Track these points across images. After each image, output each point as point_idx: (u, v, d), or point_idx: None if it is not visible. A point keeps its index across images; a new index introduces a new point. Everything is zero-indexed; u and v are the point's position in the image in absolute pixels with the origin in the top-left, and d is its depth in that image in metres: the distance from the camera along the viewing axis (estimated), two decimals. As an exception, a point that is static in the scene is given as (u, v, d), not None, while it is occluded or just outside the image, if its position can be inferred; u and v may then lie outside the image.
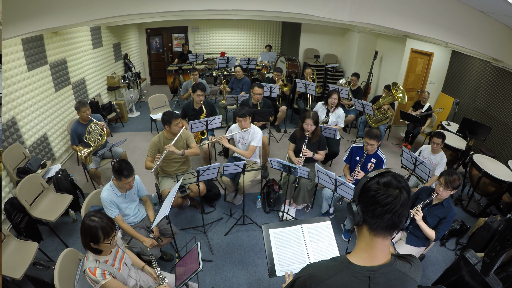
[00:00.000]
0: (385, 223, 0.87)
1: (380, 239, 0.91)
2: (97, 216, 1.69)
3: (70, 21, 2.58)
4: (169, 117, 2.95)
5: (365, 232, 0.93)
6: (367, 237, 0.93)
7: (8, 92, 3.28)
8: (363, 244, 0.94)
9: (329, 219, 1.94)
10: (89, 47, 5.40)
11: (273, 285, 2.65)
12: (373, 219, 0.89)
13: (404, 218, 0.89)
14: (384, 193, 0.86)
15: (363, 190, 0.91)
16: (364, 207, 0.90)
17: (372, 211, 0.88)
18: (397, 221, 0.87)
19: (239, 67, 5.49)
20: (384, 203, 0.85)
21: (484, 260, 1.80)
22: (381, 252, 0.92)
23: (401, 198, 0.85)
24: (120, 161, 2.33)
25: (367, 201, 0.89)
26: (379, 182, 0.88)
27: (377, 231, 0.90)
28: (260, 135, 3.38)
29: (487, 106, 4.68)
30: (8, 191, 3.12)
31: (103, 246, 1.69)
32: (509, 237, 1.63)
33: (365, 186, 0.91)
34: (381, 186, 0.87)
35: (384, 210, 0.86)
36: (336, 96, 4.08)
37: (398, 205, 0.85)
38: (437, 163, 3.38)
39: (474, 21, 3.00)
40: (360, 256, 0.94)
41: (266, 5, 2.76)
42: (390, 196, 0.85)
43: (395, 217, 0.86)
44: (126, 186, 2.36)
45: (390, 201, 0.85)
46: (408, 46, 5.44)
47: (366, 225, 0.92)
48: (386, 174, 0.90)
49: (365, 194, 0.90)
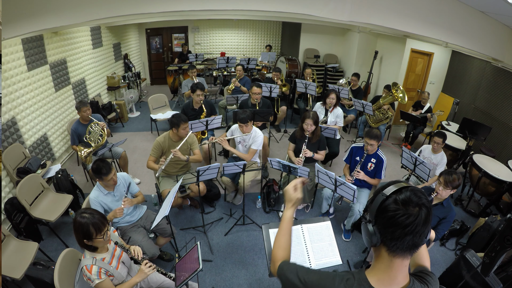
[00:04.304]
0: (406, 244, 0.81)
1: (400, 260, 0.85)
2: (88, 212, 1.69)
3: (70, 21, 2.58)
4: (178, 121, 2.95)
5: (384, 253, 0.87)
6: (386, 259, 0.86)
7: (8, 92, 3.28)
8: (382, 266, 0.88)
9: (329, 219, 1.94)
10: (89, 47, 5.40)
11: (273, 285, 2.65)
12: (392, 241, 0.82)
13: (425, 236, 0.83)
14: (404, 213, 0.79)
15: (380, 210, 0.84)
16: (382, 228, 0.84)
17: (392, 233, 0.81)
18: (418, 241, 0.81)
19: (240, 66, 5.48)
20: (404, 225, 0.79)
21: (484, 260, 1.81)
22: (401, 274, 0.87)
23: (422, 216, 0.79)
24: (96, 162, 2.31)
25: (385, 222, 0.82)
26: (397, 200, 0.81)
27: (396, 252, 0.84)
28: (261, 138, 3.37)
29: (487, 106, 4.68)
30: (8, 191, 3.12)
31: (97, 242, 1.69)
32: (509, 237, 1.63)
33: (382, 206, 0.83)
34: (400, 205, 0.80)
35: (404, 232, 0.79)
36: (334, 96, 4.08)
37: (420, 225, 0.79)
38: (437, 162, 3.39)
39: (474, 21, 3.00)
40: (379, 278, 0.88)
41: (266, 5, 2.76)
42: (411, 216, 0.78)
43: (416, 237, 0.80)
44: (111, 183, 2.36)
45: (411, 221, 0.78)
46: (408, 46, 5.44)
47: (385, 246, 0.85)
48: (405, 190, 0.83)
49: (383, 215, 0.83)
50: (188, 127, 3.07)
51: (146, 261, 1.87)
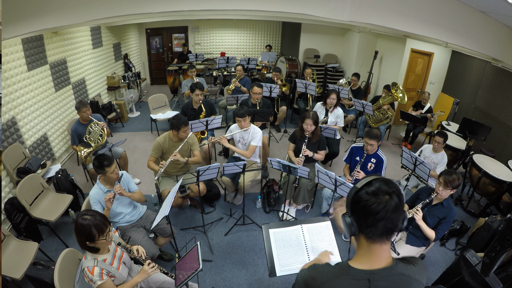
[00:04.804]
0: (380, 230, 0.88)
1: (378, 245, 0.92)
2: (89, 214, 1.69)
3: (70, 21, 2.58)
4: (179, 123, 2.94)
5: (363, 240, 0.94)
6: (365, 245, 0.94)
7: (8, 92, 3.28)
8: (362, 252, 0.96)
9: (329, 219, 1.94)
10: (89, 47, 5.40)
11: (273, 285, 2.65)
12: (367, 229, 0.90)
13: (400, 222, 0.89)
14: (375, 201, 0.86)
15: (354, 202, 0.92)
16: (357, 218, 0.92)
17: (365, 221, 0.89)
18: (391, 226, 0.88)
19: (240, 66, 5.48)
20: (375, 211, 0.86)
21: (484, 260, 1.81)
22: (381, 256, 0.93)
23: (392, 203, 0.86)
24: (97, 157, 2.35)
25: (359, 211, 0.90)
26: (368, 191, 0.88)
27: (373, 239, 0.91)
28: (260, 135, 3.38)
29: (487, 106, 4.68)
30: (8, 191, 3.12)
31: (99, 243, 1.69)
32: (509, 237, 1.63)
33: (355, 197, 0.91)
34: (371, 195, 0.87)
35: (376, 218, 0.86)
36: (334, 96, 4.08)
37: (389, 211, 0.85)
38: (438, 162, 3.39)
39: (474, 21, 3.00)
40: (360, 261, 0.95)
41: (266, 5, 2.76)
42: (381, 203, 0.85)
43: (389, 223, 0.87)
44: (113, 176, 2.37)
45: (381, 208, 0.85)
46: (408, 46, 5.44)
47: (363, 234, 0.93)
48: (374, 181, 0.90)
49: (357, 206, 0.91)
50: (188, 130, 3.06)
51: (148, 261, 1.87)
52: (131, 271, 2.03)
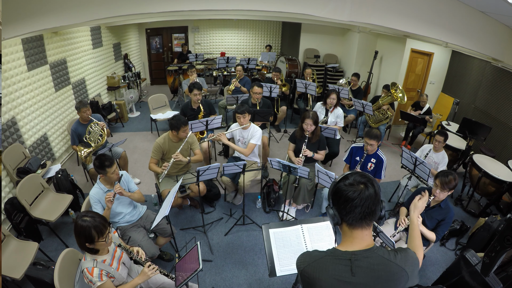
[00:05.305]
0: (358, 216, 1.00)
1: (359, 230, 1.03)
2: (89, 215, 1.69)
3: (70, 21, 2.58)
4: (178, 124, 2.94)
5: (345, 228, 1.06)
6: (348, 231, 1.06)
7: (8, 92, 3.28)
8: (345, 238, 1.08)
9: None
10: (89, 47, 5.40)
11: (273, 285, 2.65)
12: (347, 216, 1.01)
13: (377, 209, 1.01)
14: (351, 190, 0.99)
15: (334, 193, 1.05)
16: (338, 207, 1.03)
17: (344, 208, 1.01)
18: (368, 211, 0.99)
19: (240, 66, 5.48)
20: (352, 198, 0.98)
21: (484, 260, 1.81)
22: (362, 239, 1.04)
23: (365, 191, 0.98)
24: (98, 157, 2.34)
25: (339, 201, 1.02)
26: (345, 183, 1.01)
27: (353, 225, 1.03)
28: (260, 133, 3.38)
29: (487, 106, 4.68)
30: (8, 191, 3.12)
31: (99, 244, 1.69)
32: (509, 237, 1.63)
33: (334, 189, 1.04)
34: (348, 185, 1.00)
35: (354, 204, 0.98)
36: (334, 96, 4.08)
37: (364, 199, 0.98)
38: (438, 161, 3.39)
39: (474, 21, 3.00)
40: (343, 245, 1.07)
41: (266, 5, 2.76)
42: (356, 191, 0.98)
43: (365, 208, 0.98)
44: (114, 177, 2.37)
45: (357, 195, 0.98)
46: (408, 46, 5.44)
47: (344, 222, 1.05)
48: (350, 175, 1.03)
49: (336, 196, 1.04)
50: (188, 129, 3.06)
51: (149, 263, 1.87)
52: (131, 272, 2.03)
